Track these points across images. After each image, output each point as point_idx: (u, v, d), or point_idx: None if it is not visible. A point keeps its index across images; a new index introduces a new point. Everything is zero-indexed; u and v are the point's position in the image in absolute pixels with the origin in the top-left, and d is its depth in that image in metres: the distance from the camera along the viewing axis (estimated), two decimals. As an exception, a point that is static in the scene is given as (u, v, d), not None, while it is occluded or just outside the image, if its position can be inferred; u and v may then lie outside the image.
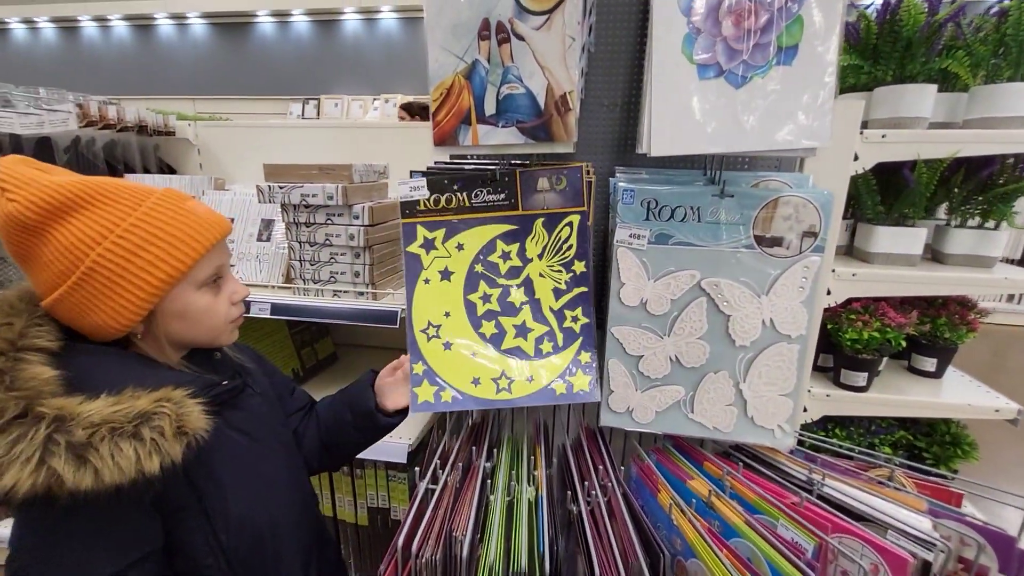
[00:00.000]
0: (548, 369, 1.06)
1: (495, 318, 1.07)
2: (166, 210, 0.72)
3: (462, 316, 1.06)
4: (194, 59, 6.22)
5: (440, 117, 0.93)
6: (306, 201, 1.44)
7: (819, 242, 0.96)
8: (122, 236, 0.68)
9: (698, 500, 1.00)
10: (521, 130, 0.91)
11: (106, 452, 0.60)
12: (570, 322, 1.06)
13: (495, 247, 1.06)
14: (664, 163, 1.19)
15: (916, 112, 1.19)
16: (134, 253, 0.68)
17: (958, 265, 1.31)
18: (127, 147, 1.97)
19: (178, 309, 0.75)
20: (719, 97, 0.83)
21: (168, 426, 0.64)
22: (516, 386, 1.05)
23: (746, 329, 1.01)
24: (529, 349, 1.07)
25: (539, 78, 0.87)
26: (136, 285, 0.69)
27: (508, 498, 1.00)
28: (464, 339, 1.06)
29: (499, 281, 1.07)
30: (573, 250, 1.05)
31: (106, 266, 0.67)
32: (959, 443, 1.38)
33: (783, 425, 1.05)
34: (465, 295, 1.07)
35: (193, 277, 0.75)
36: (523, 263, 1.06)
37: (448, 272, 1.07)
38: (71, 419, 0.60)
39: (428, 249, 1.07)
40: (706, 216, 0.99)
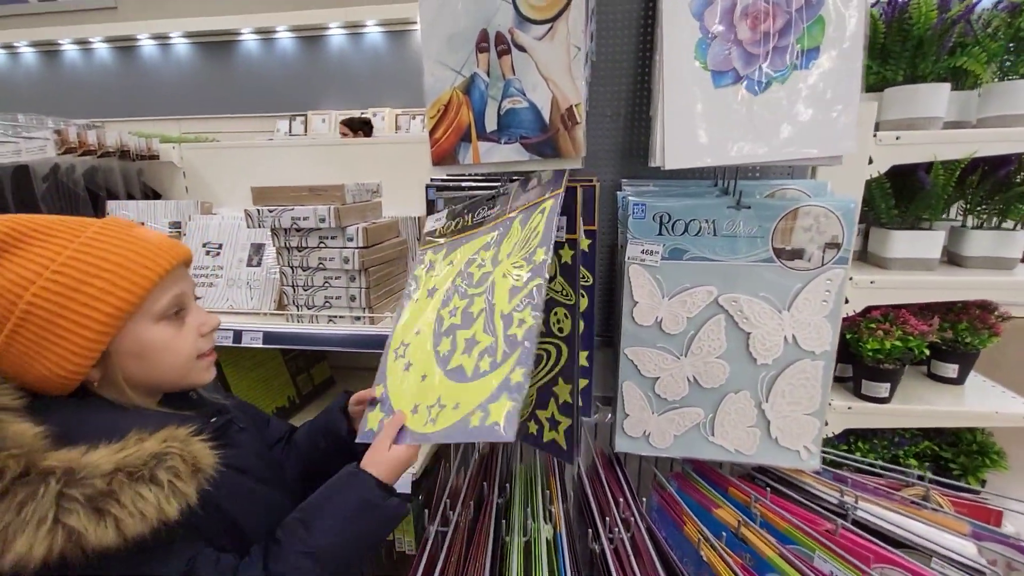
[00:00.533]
0: (476, 393, 0.82)
1: (453, 332, 0.91)
2: (109, 238, 0.65)
3: (428, 333, 0.94)
4: (178, 79, 6.16)
5: (438, 135, 0.87)
6: (297, 224, 1.38)
7: (842, 253, 0.91)
8: (59, 271, 0.61)
9: (728, 532, 0.94)
10: (525, 146, 0.85)
11: (128, 500, 0.55)
12: (515, 327, 0.82)
13: (477, 256, 0.96)
14: (672, 174, 1.13)
15: (930, 112, 1.15)
16: (74, 289, 0.61)
17: (977, 268, 1.26)
18: (109, 173, 1.90)
19: (134, 348, 0.66)
20: (736, 105, 0.78)
21: (182, 466, 0.59)
22: (442, 416, 0.82)
23: (767, 347, 0.95)
24: (469, 367, 0.85)
25: (543, 91, 0.81)
26: (80, 324, 0.61)
27: (525, 538, 0.93)
28: (422, 358, 0.92)
29: (469, 291, 0.93)
30: (539, 238, 0.85)
31: (43, 307, 0.60)
32: (986, 452, 1.33)
33: (809, 446, 0.99)
34: (439, 310, 0.96)
35: (148, 309, 0.67)
36: (492, 267, 0.92)
37: (433, 289, 0.99)
38: (82, 470, 0.54)
39: (428, 270, 1.01)
40: (722, 229, 0.94)
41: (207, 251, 1.63)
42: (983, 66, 1.11)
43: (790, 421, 0.97)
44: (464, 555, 0.90)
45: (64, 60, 6.27)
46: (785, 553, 0.88)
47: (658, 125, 0.83)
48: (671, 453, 1.01)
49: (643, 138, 1.13)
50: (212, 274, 1.60)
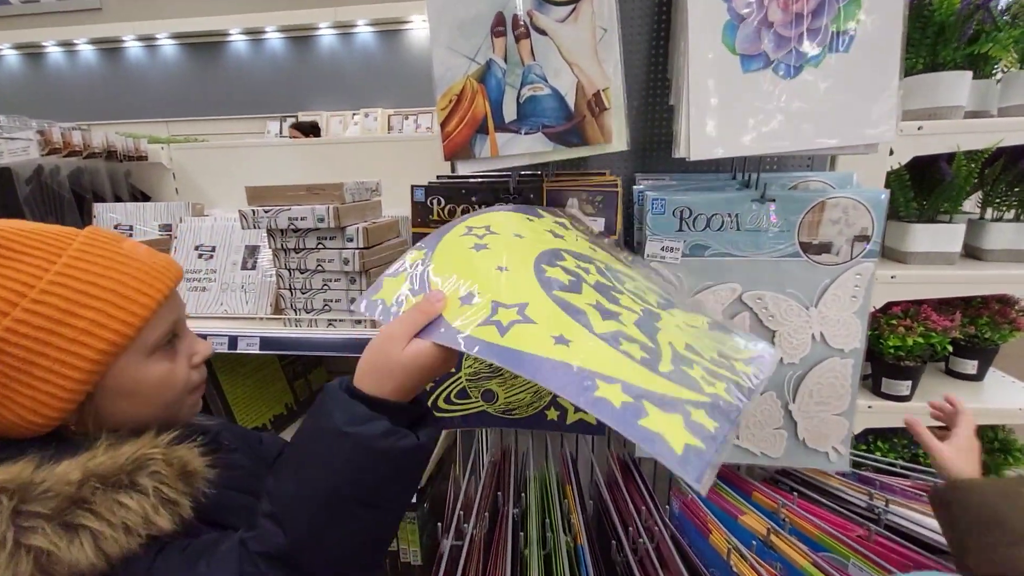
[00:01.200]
0: (617, 365, 0.53)
1: (577, 276, 0.64)
2: (97, 257, 0.54)
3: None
4: (166, 81, 6.05)
5: (450, 128, 0.82)
6: (294, 225, 1.32)
7: (872, 246, 0.88)
8: (39, 300, 0.50)
9: (758, 541, 0.90)
10: (548, 135, 0.80)
11: (104, 509, 0.46)
12: (713, 380, 0.57)
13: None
14: (688, 168, 1.09)
15: (952, 101, 1.12)
16: (59, 321, 0.50)
17: (998, 261, 1.23)
18: (95, 174, 1.83)
19: (125, 386, 0.56)
20: (767, 91, 0.74)
21: (166, 470, 0.51)
22: (524, 332, 0.54)
23: (794, 345, 0.92)
24: (602, 327, 0.57)
25: (567, 76, 0.76)
26: (65, 364, 0.51)
27: (544, 551, 0.89)
28: (511, 259, 0.63)
29: (627, 285, 0.69)
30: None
31: (19, 343, 0.49)
32: (1009, 450, 1.29)
33: (838, 447, 0.95)
34: (578, 263, 0.67)
35: (143, 341, 0.56)
36: (640, 302, 0.67)
37: (560, 239, 0.71)
38: (41, 483, 0.45)
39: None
40: (745, 223, 0.90)
41: (199, 254, 1.56)
42: (1008, 52, 1.08)
43: (818, 422, 0.93)
44: (482, 570, 0.85)
45: (48, 62, 6.14)
46: (819, 562, 0.84)
47: (682, 114, 0.78)
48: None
49: (658, 130, 1.08)
50: (205, 278, 1.54)
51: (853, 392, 0.91)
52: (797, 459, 0.96)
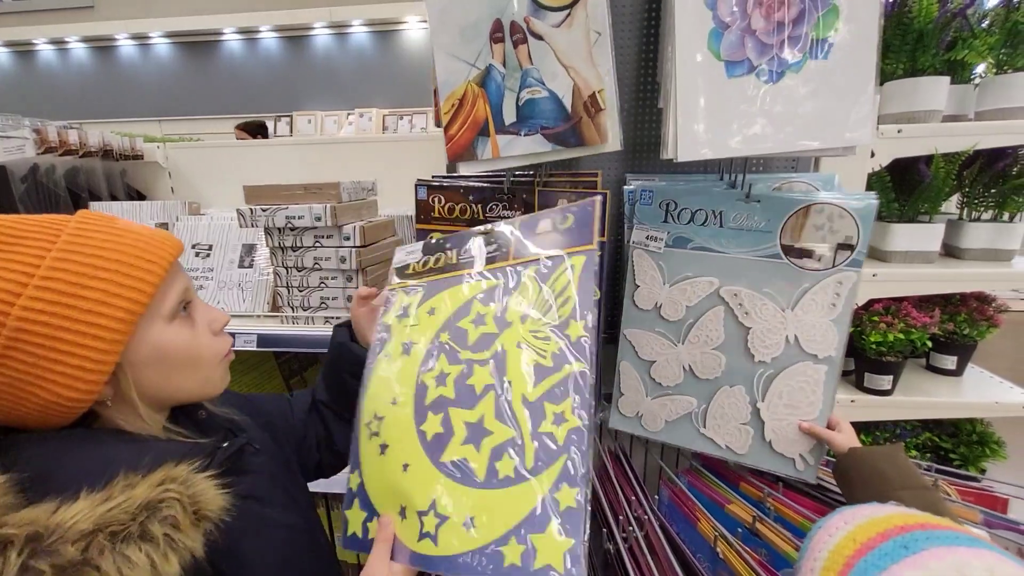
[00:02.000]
0: (501, 510, 0.63)
1: (444, 409, 0.71)
2: (95, 233, 0.56)
3: (408, 403, 0.74)
4: (159, 80, 6.03)
5: (454, 131, 0.85)
6: (292, 223, 1.34)
7: (856, 255, 0.86)
8: (48, 277, 0.52)
9: (743, 528, 0.93)
10: (547, 136, 0.83)
11: (110, 567, 0.45)
12: (551, 424, 0.64)
13: (470, 309, 0.77)
14: (678, 169, 1.13)
15: (930, 105, 1.16)
16: (72, 295, 0.52)
17: (975, 260, 1.28)
18: (91, 173, 1.84)
19: (152, 354, 0.58)
20: (750, 95, 0.77)
21: (181, 514, 0.50)
22: (445, 533, 0.64)
23: (767, 344, 0.93)
24: (479, 467, 0.66)
25: (563, 79, 0.79)
26: (88, 335, 0.52)
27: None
28: (401, 441, 0.72)
29: (462, 355, 0.74)
30: (570, 306, 0.68)
31: (38, 321, 0.50)
32: (986, 442, 1.34)
33: (805, 455, 0.93)
34: (420, 374, 0.75)
35: (158, 308, 0.58)
36: (499, 328, 0.73)
37: (409, 344, 0.78)
38: (50, 534, 0.44)
39: (402, 318, 0.82)
40: (729, 221, 0.93)
41: (196, 252, 1.58)
42: (985, 59, 1.12)
43: (786, 426, 0.92)
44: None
45: (40, 61, 6.10)
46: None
47: (670, 117, 0.81)
48: (661, 438, 1.00)
49: (648, 132, 1.12)
50: (202, 276, 1.56)
51: (826, 400, 0.89)
52: (762, 460, 0.94)
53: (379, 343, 0.81)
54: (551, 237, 0.75)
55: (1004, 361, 1.66)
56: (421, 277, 0.85)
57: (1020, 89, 1.13)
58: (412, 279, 0.85)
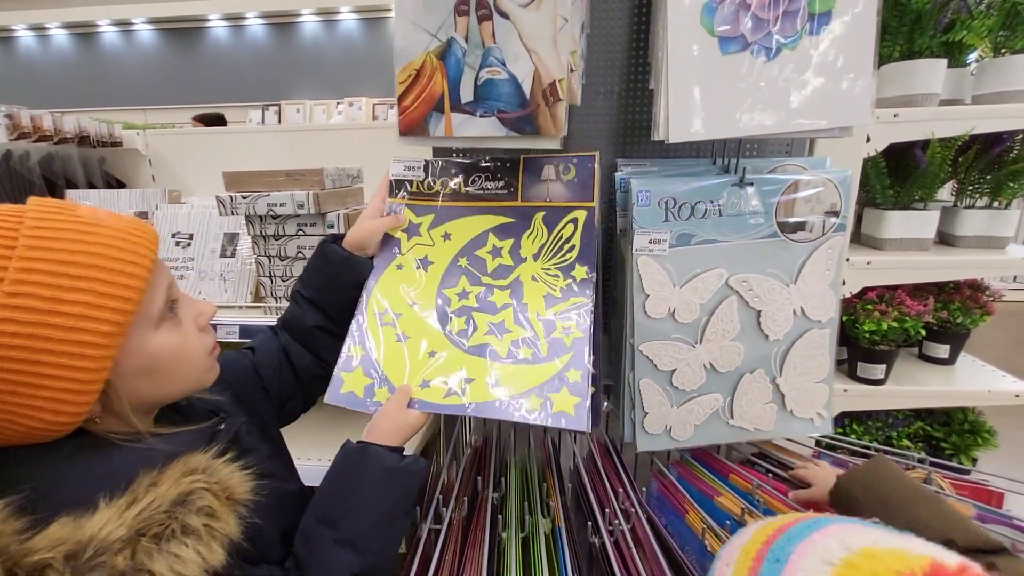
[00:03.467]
0: (521, 377, 0.81)
1: (468, 313, 0.89)
2: (61, 231, 0.47)
3: (430, 310, 0.89)
4: (142, 68, 5.91)
5: (407, 102, 0.81)
6: (273, 211, 1.30)
7: (840, 220, 0.91)
8: (14, 293, 0.44)
9: (732, 521, 0.91)
10: (503, 120, 0.80)
11: (164, 568, 0.44)
12: (560, 332, 0.85)
13: (486, 241, 0.92)
14: (669, 152, 1.10)
15: (927, 89, 1.13)
16: (48, 312, 0.45)
17: (970, 247, 1.26)
18: (67, 160, 1.78)
19: (143, 364, 0.53)
20: (744, 73, 0.74)
21: (215, 502, 0.49)
22: (474, 389, 0.81)
23: (778, 322, 0.93)
24: (501, 349, 0.84)
25: (525, 62, 0.76)
26: (72, 355, 0.46)
27: (523, 534, 0.89)
28: (424, 334, 0.88)
29: (483, 279, 0.91)
30: (575, 252, 0.88)
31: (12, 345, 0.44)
32: (978, 431, 1.33)
33: (821, 412, 0.99)
34: (440, 288, 0.91)
35: (146, 314, 0.53)
36: (515, 262, 0.91)
37: (427, 261, 0.93)
38: (88, 549, 0.41)
39: (411, 234, 0.94)
40: (727, 209, 0.90)
41: (177, 242, 1.54)
42: (983, 40, 1.09)
43: (802, 391, 0.96)
44: (460, 553, 0.85)
45: (18, 47, 5.96)
46: (791, 540, 0.86)
47: (661, 97, 0.78)
48: (693, 443, 0.98)
49: (639, 115, 1.08)
50: (183, 266, 1.51)
51: (831, 359, 0.95)
52: (787, 429, 0.98)
53: (390, 253, 0.93)
54: (556, 187, 0.90)
55: (996, 351, 1.65)
56: (430, 199, 0.95)
57: (1018, 72, 1.10)
58: (419, 199, 0.95)
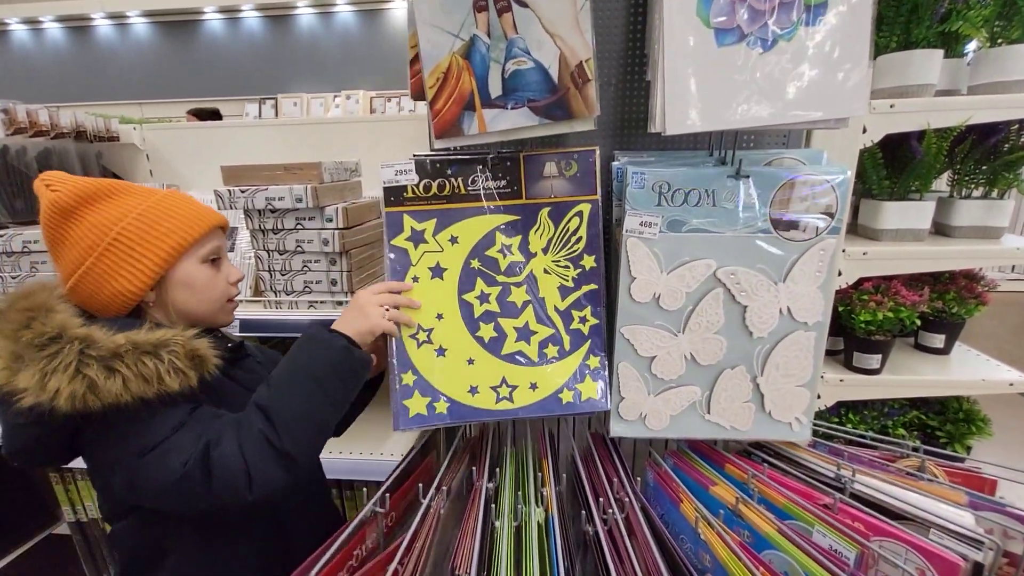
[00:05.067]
0: (553, 375, 0.97)
1: (494, 320, 0.96)
2: (174, 200, 0.84)
3: (457, 318, 0.96)
4: (138, 62, 5.86)
5: (439, 105, 0.82)
6: (272, 205, 1.30)
7: (835, 223, 0.91)
8: (140, 216, 0.80)
9: (726, 510, 0.93)
10: (534, 109, 0.80)
11: (131, 362, 0.70)
12: (577, 323, 0.97)
13: (494, 240, 0.95)
14: (667, 145, 1.10)
15: (923, 79, 1.14)
16: (149, 228, 0.80)
17: (965, 238, 1.26)
18: (64, 155, 1.78)
19: (184, 278, 0.84)
20: (741, 65, 0.74)
21: (182, 351, 0.74)
22: (519, 395, 0.96)
23: (763, 319, 0.94)
24: (532, 354, 0.96)
25: (549, 48, 0.76)
26: (151, 252, 0.79)
27: (516, 523, 0.90)
28: (459, 344, 0.96)
29: (498, 279, 0.96)
30: (583, 243, 0.95)
31: (128, 236, 0.78)
32: (972, 420, 1.34)
33: (800, 417, 0.99)
34: (460, 294, 0.96)
35: (196, 252, 0.84)
36: (526, 258, 0.96)
37: (440, 269, 0.96)
38: (98, 340, 0.71)
39: (417, 243, 0.95)
40: (721, 200, 0.91)
41: (175, 236, 1.54)
42: (979, 31, 1.09)
43: (783, 394, 0.96)
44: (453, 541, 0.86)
45: (12, 41, 5.91)
46: (784, 529, 0.87)
47: (658, 88, 0.78)
48: (667, 434, 0.98)
49: (636, 107, 1.09)
50: (181, 260, 1.52)
51: (816, 364, 0.94)
52: (763, 431, 0.98)
53: (397, 265, 0.96)
54: (559, 183, 0.94)
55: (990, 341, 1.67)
56: (428, 203, 0.95)
57: (1014, 62, 1.10)
58: (416, 204, 0.95)
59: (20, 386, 0.67)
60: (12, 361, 0.69)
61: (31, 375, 0.68)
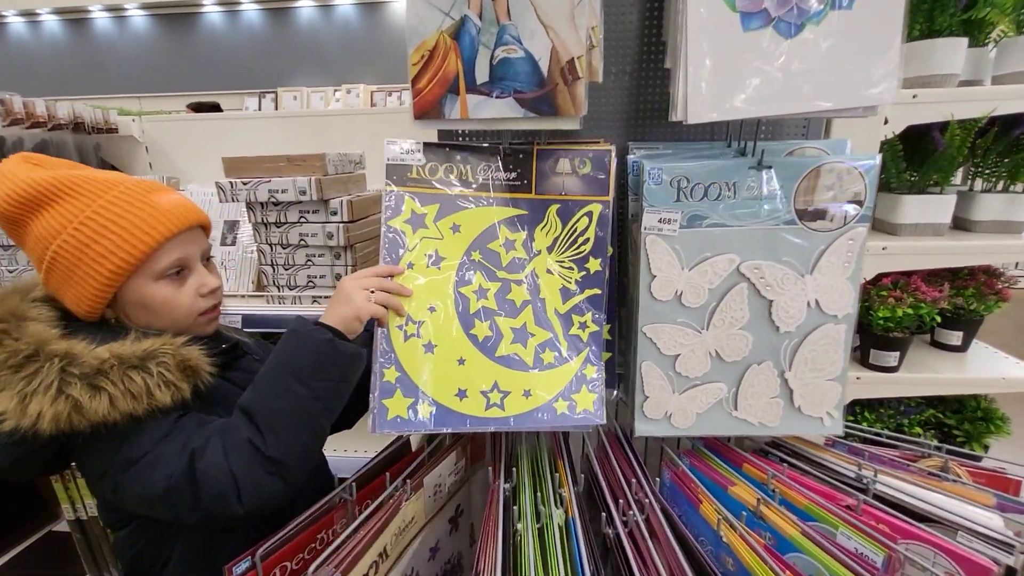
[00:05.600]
0: (549, 383, 0.90)
1: (491, 318, 0.90)
2: (124, 202, 0.72)
3: (451, 312, 0.89)
4: (136, 55, 5.82)
5: (421, 84, 0.78)
6: (275, 198, 1.27)
7: (864, 211, 0.87)
8: (78, 228, 0.70)
9: (748, 513, 0.90)
10: (520, 101, 0.77)
11: (117, 379, 0.65)
12: (577, 329, 0.91)
13: (497, 233, 0.91)
14: (680, 135, 1.07)
15: (947, 69, 1.10)
16: (86, 244, 0.70)
17: (986, 232, 1.23)
18: (62, 147, 1.75)
19: (137, 300, 0.75)
20: (767, 50, 0.71)
21: (172, 362, 0.69)
22: (510, 402, 0.88)
23: (790, 313, 0.91)
24: (528, 358, 0.90)
25: (542, 39, 0.73)
26: (89, 275, 0.70)
27: (538, 525, 0.87)
28: (451, 341, 0.89)
29: (499, 274, 0.91)
30: (590, 244, 0.90)
31: (64, 256, 0.70)
32: (991, 418, 1.32)
33: (831, 411, 0.96)
34: (456, 287, 0.90)
35: (149, 269, 0.74)
36: (529, 255, 0.91)
37: (439, 257, 0.90)
38: (80, 356, 0.66)
39: (416, 227, 0.90)
40: (743, 192, 0.88)
41: (176, 230, 1.51)
42: (1007, 17, 1.06)
43: (813, 388, 0.93)
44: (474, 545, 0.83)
45: (9, 34, 5.86)
46: (807, 531, 0.84)
47: (679, 75, 0.75)
48: (693, 432, 0.96)
49: (651, 97, 1.05)
50: (182, 255, 1.49)
51: (846, 357, 0.92)
52: (792, 426, 0.96)
53: (392, 246, 0.89)
54: (571, 180, 0.89)
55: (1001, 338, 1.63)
56: (432, 187, 0.90)
57: (1042, 51, 1.07)
58: (420, 186, 0.90)
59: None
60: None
61: (9, 398, 0.62)
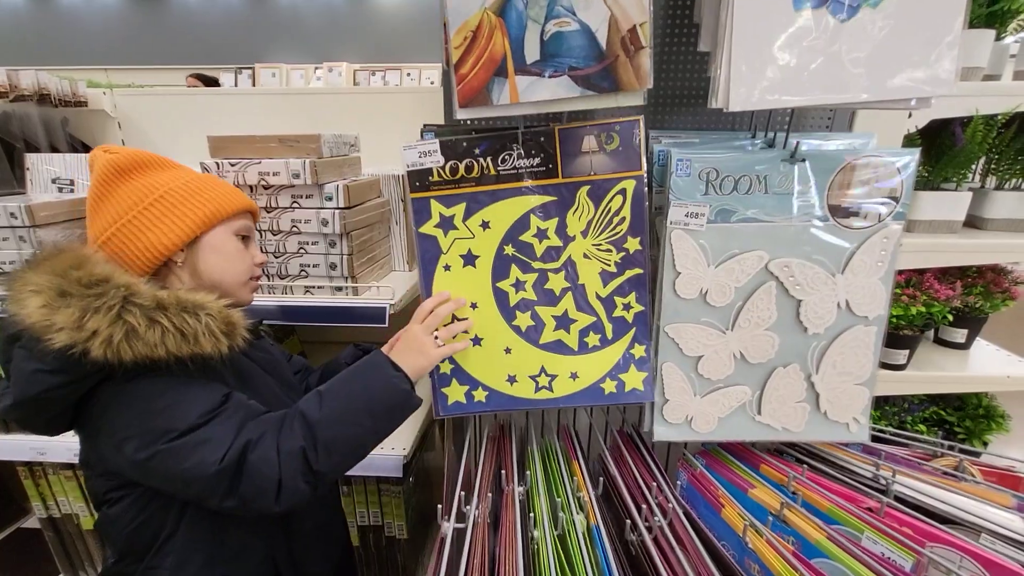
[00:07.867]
0: (595, 365, 0.93)
1: (531, 308, 0.92)
2: (217, 179, 0.90)
3: (492, 307, 0.92)
4: (103, 25, 5.51)
5: (465, 70, 0.72)
6: (265, 180, 1.19)
7: (900, 208, 0.84)
8: (186, 183, 0.84)
9: (772, 516, 0.87)
10: (575, 79, 0.71)
11: (174, 316, 0.72)
12: (621, 310, 0.92)
13: (528, 224, 0.89)
14: (703, 123, 1.02)
15: (973, 62, 1.08)
16: (193, 193, 0.84)
17: (999, 230, 1.22)
18: (26, 120, 1.61)
19: (216, 243, 0.86)
20: (819, 34, 0.66)
21: (218, 317, 0.76)
22: (558, 384, 0.94)
23: (819, 314, 0.87)
24: (572, 343, 0.93)
25: (598, 8, 0.67)
26: (192, 211, 0.82)
27: (557, 531, 0.83)
28: (495, 333, 0.93)
29: (534, 265, 0.91)
30: (626, 224, 0.87)
31: (173, 196, 0.82)
32: (991, 416, 1.33)
33: (858, 417, 0.94)
34: (494, 282, 0.92)
35: (231, 223, 0.88)
36: (563, 242, 0.90)
37: (472, 256, 0.91)
38: (144, 292, 0.73)
39: (446, 229, 0.90)
40: (773, 186, 0.84)
41: (155, 213, 1.41)
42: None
43: (840, 392, 0.91)
44: (490, 554, 0.79)
45: (-38, -3, 5.48)
46: (833, 535, 0.82)
47: (721, 60, 0.70)
48: (715, 437, 0.93)
49: (675, 83, 1.00)
50: (163, 239, 1.39)
51: (875, 360, 0.89)
52: (817, 432, 0.93)
53: (427, 254, 0.92)
54: (599, 158, 0.85)
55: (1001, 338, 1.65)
56: (456, 187, 0.88)
57: (1068, 46, 1.05)
58: (443, 188, 0.89)
59: (57, 323, 0.66)
60: (55, 298, 0.68)
61: (71, 313, 0.67)
